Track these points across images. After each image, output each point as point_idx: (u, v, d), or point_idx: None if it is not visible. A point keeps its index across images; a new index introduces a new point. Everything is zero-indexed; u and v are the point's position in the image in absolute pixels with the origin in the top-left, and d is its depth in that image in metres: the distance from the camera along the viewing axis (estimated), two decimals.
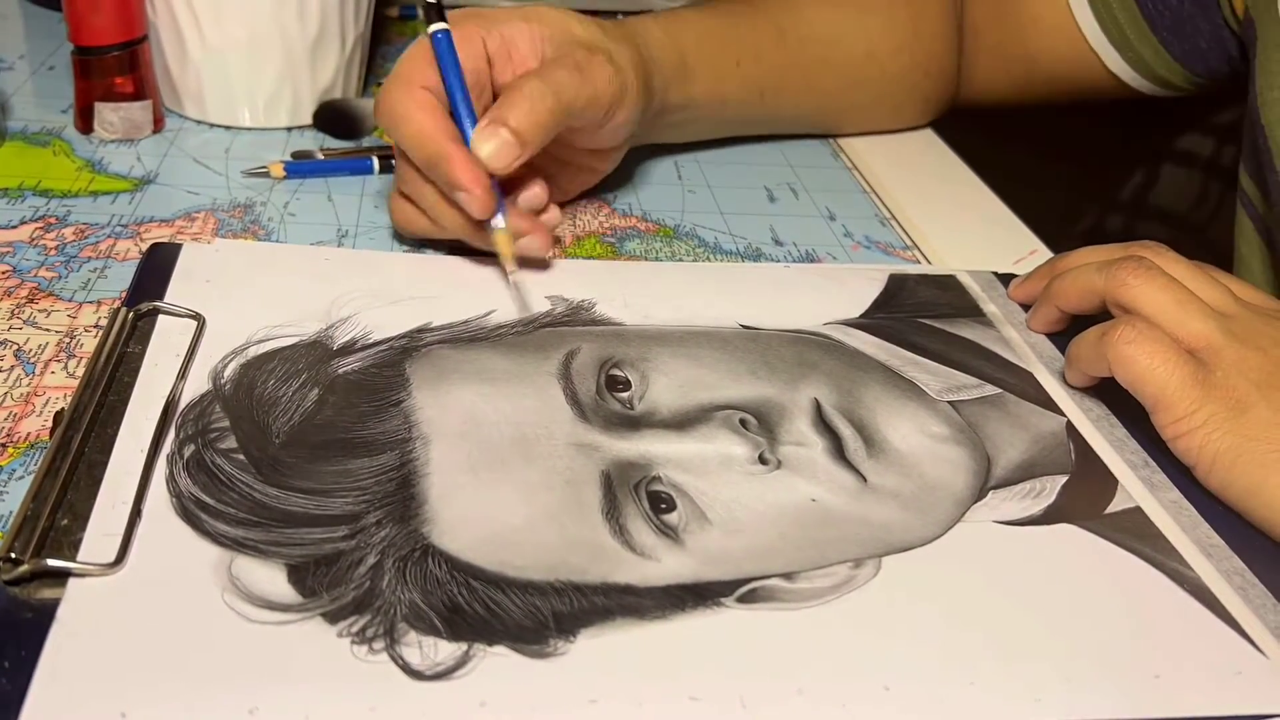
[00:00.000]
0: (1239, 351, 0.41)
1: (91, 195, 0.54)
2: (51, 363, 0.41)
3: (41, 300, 0.45)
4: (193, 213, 0.53)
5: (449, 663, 0.31)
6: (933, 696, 0.32)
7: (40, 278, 0.46)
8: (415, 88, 0.47)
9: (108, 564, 0.32)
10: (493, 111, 0.47)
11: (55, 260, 0.48)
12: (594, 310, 0.48)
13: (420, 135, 0.46)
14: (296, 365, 0.42)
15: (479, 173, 0.45)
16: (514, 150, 0.46)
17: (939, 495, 0.40)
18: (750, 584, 0.35)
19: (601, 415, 0.41)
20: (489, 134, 0.46)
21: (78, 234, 0.50)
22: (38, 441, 0.37)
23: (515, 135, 0.46)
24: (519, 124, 0.46)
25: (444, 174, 0.46)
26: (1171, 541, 0.39)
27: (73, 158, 0.57)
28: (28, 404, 0.39)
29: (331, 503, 0.35)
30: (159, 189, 0.55)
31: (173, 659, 0.30)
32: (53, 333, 0.43)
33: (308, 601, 0.32)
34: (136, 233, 0.51)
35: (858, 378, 0.45)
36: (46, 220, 0.51)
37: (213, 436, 0.38)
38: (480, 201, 0.45)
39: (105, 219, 0.52)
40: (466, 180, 0.45)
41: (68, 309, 0.45)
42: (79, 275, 0.47)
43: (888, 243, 0.58)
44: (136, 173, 0.56)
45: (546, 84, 0.47)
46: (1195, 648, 0.34)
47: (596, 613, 0.33)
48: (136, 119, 0.60)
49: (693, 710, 0.30)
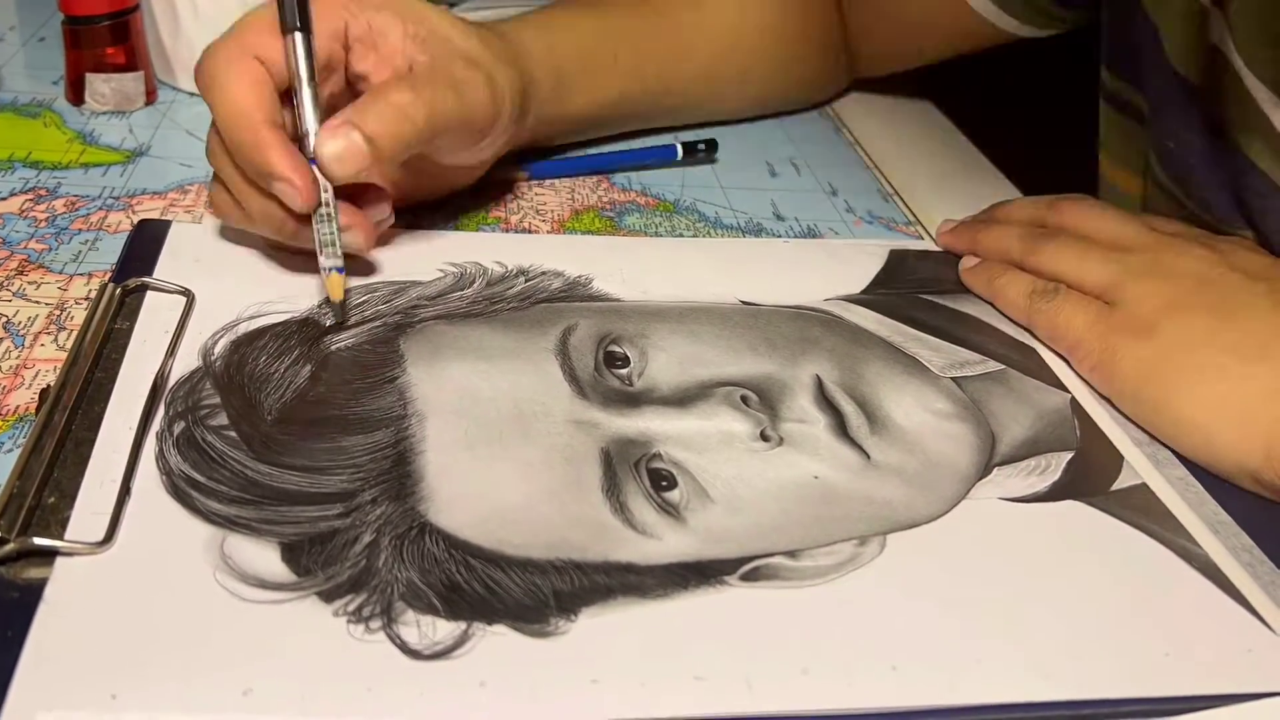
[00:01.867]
0: (1140, 284, 0.44)
1: (83, 167, 0.53)
2: (41, 335, 0.41)
3: (31, 272, 0.44)
4: (186, 185, 0.52)
5: (448, 642, 0.30)
6: (940, 675, 0.31)
7: (30, 250, 0.46)
8: (246, 56, 0.41)
9: (96, 542, 0.31)
10: (349, 110, 0.41)
11: (46, 232, 0.47)
12: (591, 286, 0.47)
13: (236, 112, 0.40)
14: (288, 342, 0.41)
15: (300, 161, 0.40)
16: (362, 159, 0.40)
17: (943, 472, 0.39)
18: (753, 562, 0.34)
19: (600, 392, 0.40)
20: (340, 134, 0.40)
21: (68, 206, 0.49)
22: (26, 414, 0.37)
23: (370, 143, 0.40)
24: (377, 133, 0.41)
25: (255, 161, 0.40)
26: (1179, 518, 0.38)
27: (64, 129, 0.57)
28: (16, 376, 0.39)
29: (326, 480, 0.35)
30: (151, 161, 0.54)
31: (164, 640, 0.29)
32: (43, 305, 0.42)
33: (302, 580, 0.31)
34: (128, 205, 0.50)
35: (859, 354, 0.44)
36: (37, 192, 0.50)
37: (203, 413, 0.37)
38: (301, 192, 0.40)
39: (96, 191, 0.51)
40: (284, 167, 0.39)
41: (58, 281, 0.44)
42: (70, 247, 0.46)
43: (890, 218, 0.57)
44: (128, 145, 0.56)
45: (419, 97, 0.42)
46: (1205, 625, 0.34)
47: (598, 591, 0.32)
48: (128, 90, 0.59)
49: (697, 690, 0.30)
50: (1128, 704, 0.31)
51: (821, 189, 0.60)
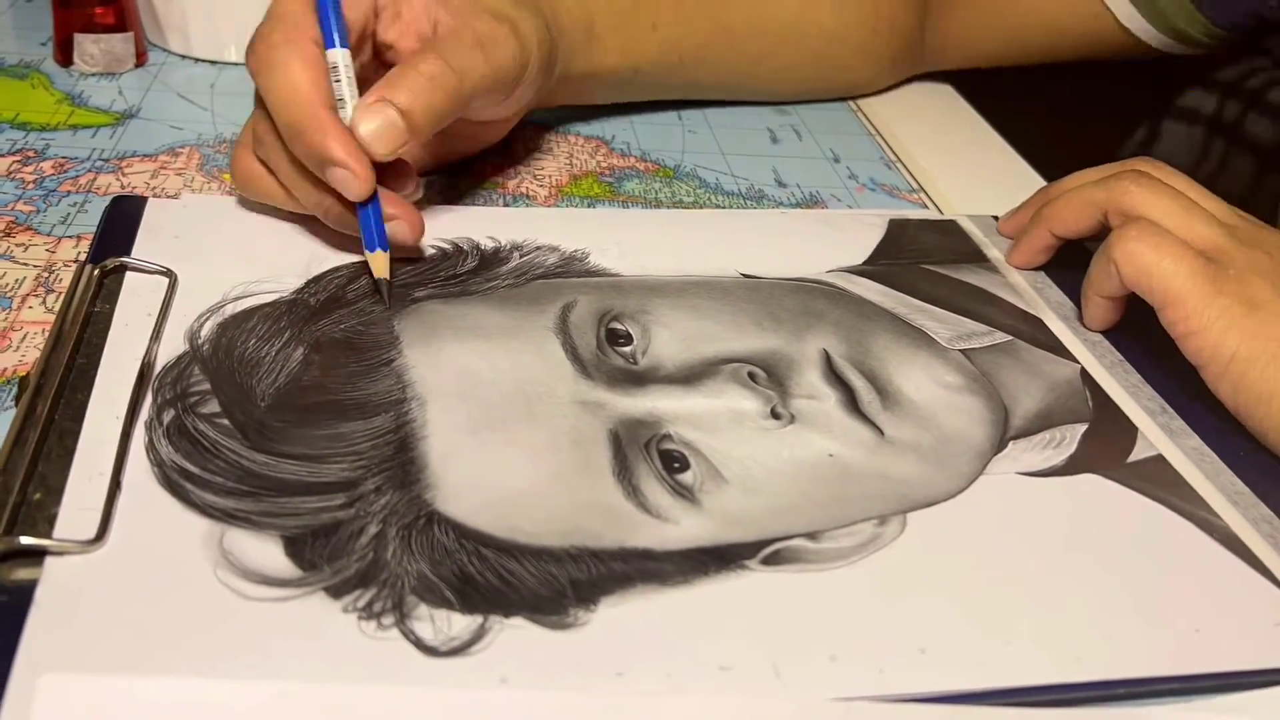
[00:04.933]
0: (1249, 253, 0.40)
1: (71, 129, 0.52)
2: (29, 297, 0.40)
3: (19, 234, 0.43)
4: (176, 148, 0.51)
5: (465, 637, 0.29)
6: (971, 658, 0.30)
7: (18, 212, 0.45)
8: (302, 38, 0.40)
9: (87, 540, 0.30)
10: (381, 86, 0.40)
11: (34, 194, 0.46)
12: (587, 260, 0.46)
13: (292, 96, 0.39)
14: (278, 324, 0.39)
15: (356, 147, 0.39)
16: (399, 135, 0.40)
17: (958, 447, 0.38)
18: (773, 545, 0.33)
19: (604, 371, 0.39)
20: (375, 111, 0.39)
21: (57, 168, 0.48)
22: (14, 377, 0.35)
23: (405, 118, 0.40)
24: (411, 106, 0.40)
25: (313, 146, 0.39)
26: (1197, 490, 0.38)
27: (52, 91, 0.55)
28: (4, 338, 0.37)
29: (325, 469, 0.33)
30: (141, 124, 0.53)
31: (164, 641, 0.27)
32: (30, 267, 0.41)
33: (308, 575, 0.30)
34: (118, 167, 0.49)
35: (866, 327, 0.43)
36: (25, 153, 0.49)
37: (193, 400, 0.35)
38: (362, 181, 0.39)
39: (85, 153, 0.50)
40: (344, 154, 0.38)
41: (46, 243, 0.43)
42: (58, 210, 0.45)
43: (893, 185, 0.56)
44: (118, 107, 0.54)
45: (450, 64, 0.41)
46: (1232, 599, 0.33)
47: (615, 579, 0.31)
48: (117, 51, 0.57)
49: (724, 680, 0.29)
50: (1161, 682, 0.30)
51: (824, 155, 0.59)
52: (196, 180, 0.48)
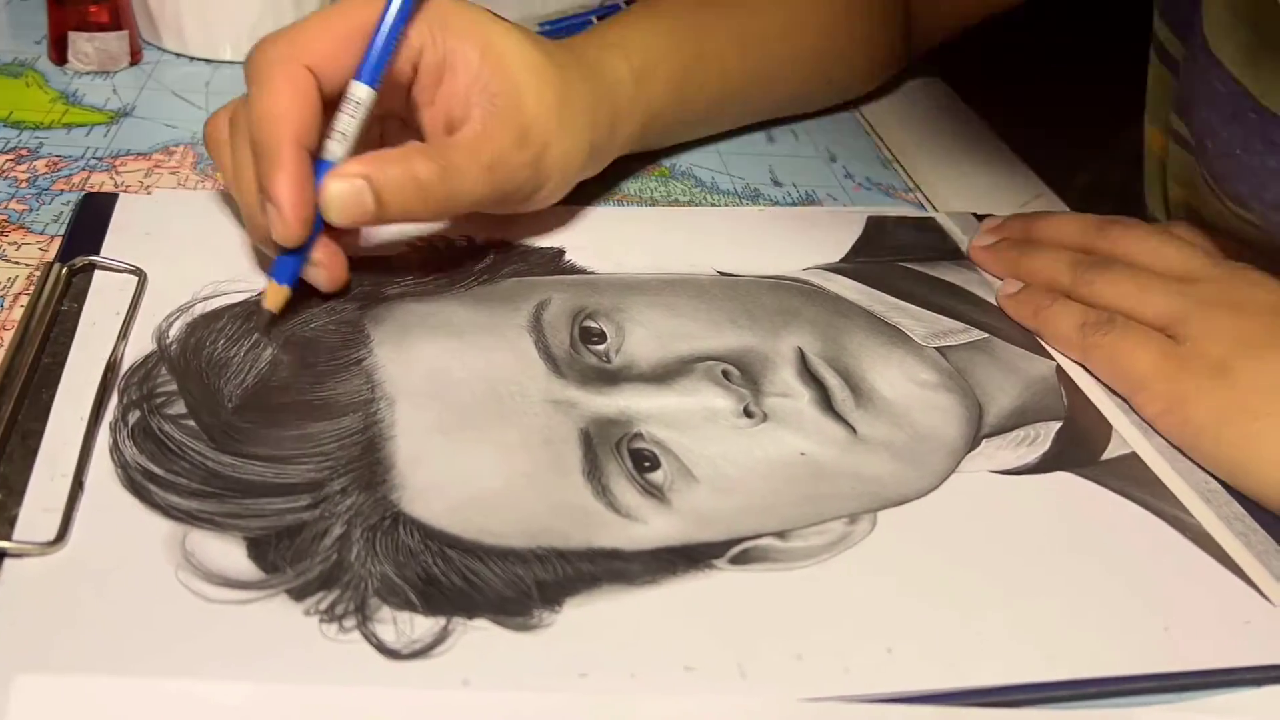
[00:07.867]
0: (1208, 316, 0.40)
1: (65, 128, 0.51)
2: (21, 296, 0.39)
3: (12, 232, 0.43)
4: (171, 146, 0.51)
5: (427, 639, 0.28)
6: (939, 659, 0.30)
7: (11, 210, 0.44)
8: (297, 60, 0.38)
9: (47, 542, 0.29)
10: (376, 159, 0.38)
11: (27, 193, 0.46)
12: (563, 258, 0.45)
13: (268, 118, 0.37)
14: (248, 324, 0.39)
15: (306, 195, 0.37)
16: (363, 216, 0.38)
17: (931, 445, 0.38)
18: (742, 544, 0.33)
19: (577, 369, 0.38)
20: (351, 180, 0.37)
21: (50, 166, 0.48)
22: None
23: (378, 204, 0.38)
24: (389, 198, 0.38)
25: (263, 176, 0.37)
26: (1170, 487, 0.37)
27: (46, 89, 0.55)
28: None
29: (291, 470, 0.33)
30: (136, 122, 0.53)
31: (124, 644, 0.27)
32: (23, 266, 0.41)
33: (270, 577, 0.29)
34: (112, 166, 0.49)
35: (841, 325, 0.43)
36: (18, 152, 0.49)
37: (159, 401, 0.35)
38: (291, 231, 0.37)
39: (79, 152, 0.49)
40: (285, 199, 0.37)
41: (39, 242, 0.43)
42: (51, 208, 0.45)
43: (889, 184, 0.56)
44: (112, 105, 0.54)
45: (445, 177, 0.39)
46: (1202, 597, 0.33)
47: (582, 580, 0.31)
48: (112, 50, 0.57)
49: (688, 680, 0.29)
50: (1133, 681, 0.30)
51: (820, 154, 0.58)
52: (191, 179, 0.48)
